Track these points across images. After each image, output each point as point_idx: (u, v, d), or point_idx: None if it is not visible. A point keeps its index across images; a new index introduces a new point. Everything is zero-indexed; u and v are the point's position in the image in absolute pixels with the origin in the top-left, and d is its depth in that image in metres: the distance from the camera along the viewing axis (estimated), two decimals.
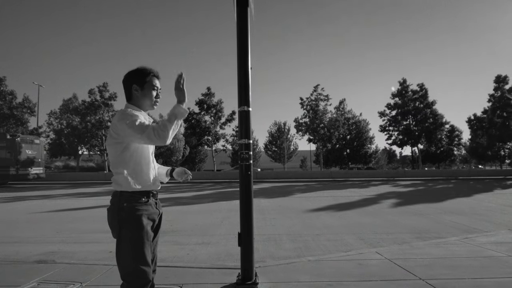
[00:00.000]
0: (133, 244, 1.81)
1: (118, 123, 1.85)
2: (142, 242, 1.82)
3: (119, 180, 1.88)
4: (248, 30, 3.29)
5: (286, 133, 51.62)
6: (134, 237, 1.82)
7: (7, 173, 19.60)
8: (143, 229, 1.83)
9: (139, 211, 1.86)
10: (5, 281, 3.39)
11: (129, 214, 1.84)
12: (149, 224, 1.89)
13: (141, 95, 2.00)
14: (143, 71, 2.02)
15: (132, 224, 1.83)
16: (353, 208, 9.44)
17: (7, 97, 34.05)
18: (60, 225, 7.09)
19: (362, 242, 5.36)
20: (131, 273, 1.81)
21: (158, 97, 2.07)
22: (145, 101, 2.02)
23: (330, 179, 26.04)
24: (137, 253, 1.81)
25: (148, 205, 1.92)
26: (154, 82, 2.04)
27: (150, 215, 1.91)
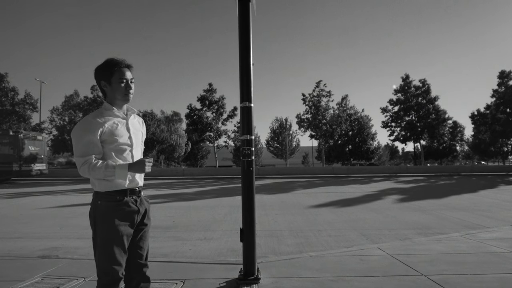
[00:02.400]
0: (104, 242, 1.83)
1: (73, 129, 1.88)
2: (112, 240, 1.82)
3: (93, 181, 1.89)
4: (250, 25, 3.27)
5: (288, 129, 51.56)
6: (105, 236, 1.83)
7: (10, 169, 19.70)
8: (114, 228, 1.83)
9: (112, 211, 1.85)
10: (10, 276, 3.42)
11: (102, 213, 1.85)
12: (123, 223, 1.86)
13: (110, 90, 1.92)
14: (108, 65, 1.92)
15: (104, 223, 1.84)
16: (355, 204, 9.44)
17: (9, 93, 34.14)
18: (63, 221, 7.14)
19: (364, 238, 5.37)
20: (101, 269, 1.84)
21: (129, 88, 1.94)
22: (116, 96, 1.93)
23: (332, 175, 26.03)
24: (107, 251, 1.82)
25: (123, 203, 1.88)
26: (121, 74, 1.91)
27: (126, 214, 1.88)
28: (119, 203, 1.87)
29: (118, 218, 1.85)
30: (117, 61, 1.93)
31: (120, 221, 1.85)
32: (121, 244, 1.85)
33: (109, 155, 1.88)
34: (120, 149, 1.90)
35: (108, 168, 1.81)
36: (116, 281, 1.85)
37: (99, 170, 1.79)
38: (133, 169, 1.86)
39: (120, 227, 1.84)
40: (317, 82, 36.40)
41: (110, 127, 1.88)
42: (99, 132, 1.84)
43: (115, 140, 1.88)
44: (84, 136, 1.82)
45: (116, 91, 1.92)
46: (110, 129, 1.87)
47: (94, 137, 1.83)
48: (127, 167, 1.83)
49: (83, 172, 1.83)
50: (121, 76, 1.91)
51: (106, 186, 1.86)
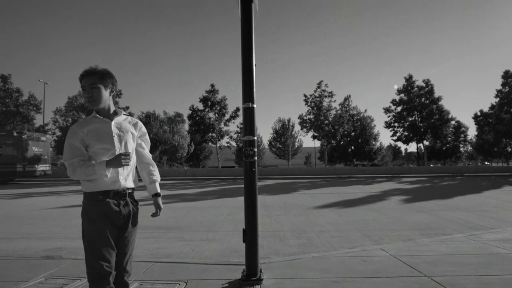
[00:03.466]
0: (89, 239, 1.94)
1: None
2: (96, 236, 1.93)
3: (81, 182, 2.03)
4: (252, 26, 3.28)
5: (291, 129, 51.48)
6: (89, 232, 1.95)
7: (14, 170, 19.80)
8: (96, 225, 1.94)
9: (93, 209, 1.96)
10: (14, 276, 3.44)
11: (85, 211, 1.98)
12: (104, 221, 1.95)
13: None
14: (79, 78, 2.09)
15: (88, 221, 1.96)
16: (357, 205, 9.42)
17: (13, 94, 34.37)
18: (66, 221, 7.17)
19: (366, 238, 5.35)
20: (88, 265, 1.92)
21: (86, 95, 2.06)
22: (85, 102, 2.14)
23: (334, 175, 25.98)
24: (91, 247, 1.92)
25: (104, 204, 1.97)
26: (81, 84, 2.06)
27: (106, 213, 1.96)
28: (100, 202, 1.97)
29: (99, 216, 1.95)
30: (82, 73, 2.07)
31: (101, 218, 1.95)
32: (104, 240, 1.94)
33: (93, 158, 2.01)
34: (100, 151, 2.02)
35: (88, 167, 1.94)
36: (103, 276, 1.90)
37: (80, 169, 1.94)
38: (110, 164, 1.95)
39: (101, 224, 1.95)
40: (318, 82, 36.39)
41: (91, 131, 2.02)
42: (80, 137, 2.01)
43: (94, 144, 2.01)
44: (68, 142, 2.02)
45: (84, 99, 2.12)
46: (91, 133, 2.02)
47: (76, 142, 2.00)
48: (105, 163, 1.94)
49: (69, 173, 1.99)
50: (82, 85, 2.06)
51: (91, 187, 1.98)
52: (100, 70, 2.09)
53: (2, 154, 19.95)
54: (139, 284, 3.15)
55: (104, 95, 2.08)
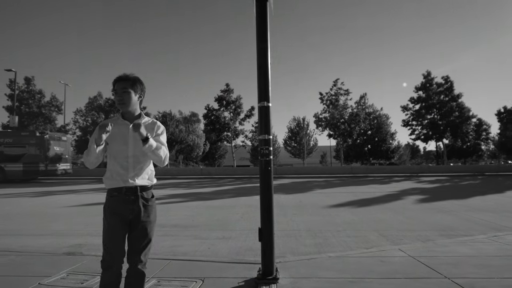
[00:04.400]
0: (103, 232, 2.24)
1: None
2: (105, 231, 2.22)
3: (103, 180, 2.30)
4: (267, 25, 3.27)
5: (306, 128, 51.18)
6: (104, 226, 2.23)
7: (37, 168, 20.48)
8: (106, 220, 2.22)
9: (107, 205, 2.24)
10: (37, 272, 3.56)
11: (103, 207, 2.26)
12: (113, 217, 2.19)
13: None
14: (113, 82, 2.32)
15: (104, 215, 2.24)
16: (374, 204, 9.28)
17: (36, 96, 35.54)
18: (86, 219, 7.36)
19: (384, 239, 5.27)
20: (102, 254, 2.23)
21: (117, 98, 2.27)
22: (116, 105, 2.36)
23: (350, 175, 25.66)
24: (104, 239, 2.22)
25: (113, 200, 2.21)
26: (114, 88, 2.27)
27: (117, 209, 2.19)
28: (113, 199, 2.21)
29: (111, 212, 2.20)
30: (116, 78, 2.29)
31: (112, 214, 2.19)
32: (113, 235, 2.18)
33: (111, 156, 2.26)
34: (116, 151, 2.25)
35: (87, 149, 2.21)
36: (108, 267, 2.17)
37: (85, 152, 2.23)
38: (92, 136, 2.20)
39: (112, 220, 2.19)
40: (334, 80, 35.96)
41: (112, 132, 2.22)
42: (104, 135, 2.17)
43: (112, 144, 2.26)
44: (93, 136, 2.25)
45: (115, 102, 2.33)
46: (111, 134, 2.22)
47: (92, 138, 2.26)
48: (93, 141, 2.17)
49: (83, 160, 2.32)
50: (114, 89, 2.27)
51: (108, 184, 2.25)
52: (132, 77, 2.30)
53: (25, 153, 20.67)
54: (157, 281, 3.20)
55: (133, 100, 2.28)
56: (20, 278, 3.37)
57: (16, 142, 20.99)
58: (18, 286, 3.14)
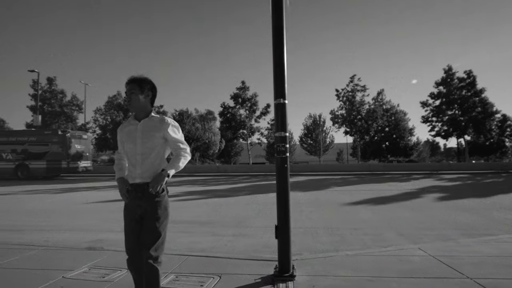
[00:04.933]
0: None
1: None
2: (124, 224, 2.38)
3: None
4: (283, 21, 3.25)
5: (322, 125, 50.72)
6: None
7: (59, 166, 21.16)
8: (124, 210, 2.39)
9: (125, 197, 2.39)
10: (61, 265, 3.68)
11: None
12: (124, 211, 2.38)
13: None
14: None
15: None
16: (392, 202, 9.11)
17: (58, 95, 36.66)
18: (107, 215, 7.56)
19: (402, 237, 5.17)
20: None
21: (126, 99, 2.45)
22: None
23: (368, 172, 25.27)
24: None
25: (129, 194, 2.36)
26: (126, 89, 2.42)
27: (127, 205, 2.38)
28: (128, 193, 2.36)
29: (125, 206, 2.38)
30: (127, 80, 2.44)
31: (125, 208, 2.38)
32: (127, 228, 2.35)
33: (126, 154, 2.45)
34: (128, 150, 2.40)
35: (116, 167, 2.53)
36: (128, 262, 2.36)
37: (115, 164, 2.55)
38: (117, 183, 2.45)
39: (126, 214, 2.37)
40: (351, 76, 35.48)
41: (125, 133, 2.43)
42: (120, 136, 2.49)
43: (125, 143, 2.42)
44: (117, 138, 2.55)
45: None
46: (125, 135, 2.42)
47: (119, 139, 2.52)
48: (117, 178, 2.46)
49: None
50: (126, 91, 2.43)
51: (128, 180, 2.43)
52: (138, 78, 2.41)
53: (48, 151, 21.36)
54: (175, 276, 3.25)
55: (140, 100, 2.39)
56: (45, 271, 3.50)
57: (39, 140, 21.72)
58: (44, 279, 3.26)
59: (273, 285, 3.03)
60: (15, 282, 3.20)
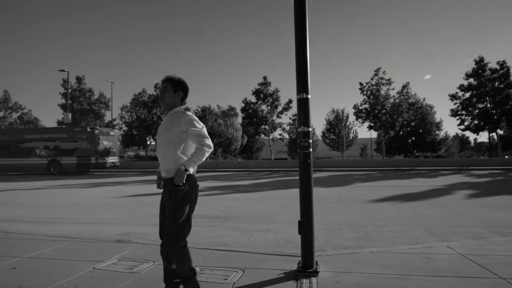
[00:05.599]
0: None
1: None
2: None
3: None
4: (306, 15, 3.21)
5: (345, 120, 49.82)
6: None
7: (88, 161, 22.05)
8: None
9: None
10: (91, 257, 3.85)
11: None
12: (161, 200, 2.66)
13: None
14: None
15: None
16: (419, 199, 8.84)
17: (86, 94, 38.01)
18: (133, 209, 7.80)
19: (430, 235, 5.01)
20: None
21: (160, 95, 2.67)
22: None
23: (393, 168, 24.63)
24: None
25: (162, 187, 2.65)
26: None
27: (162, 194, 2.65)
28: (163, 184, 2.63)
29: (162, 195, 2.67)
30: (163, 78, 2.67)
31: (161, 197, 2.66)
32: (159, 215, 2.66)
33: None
34: (158, 142, 2.64)
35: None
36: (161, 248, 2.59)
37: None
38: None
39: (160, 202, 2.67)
40: (375, 70, 34.50)
41: (159, 129, 2.68)
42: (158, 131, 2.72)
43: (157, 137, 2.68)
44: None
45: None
46: (158, 131, 2.68)
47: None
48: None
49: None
50: (160, 87, 2.70)
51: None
52: (173, 78, 2.62)
53: (78, 147, 22.28)
54: (199, 270, 3.32)
55: (171, 98, 2.61)
56: (77, 262, 3.66)
57: (70, 137, 22.70)
58: (75, 269, 3.41)
59: (297, 281, 3.03)
60: (51, 271, 3.37)
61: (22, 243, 4.50)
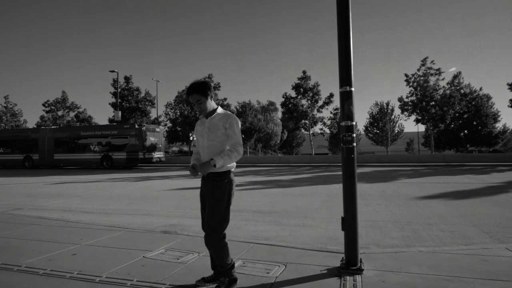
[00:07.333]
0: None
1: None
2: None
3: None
4: (349, 5, 3.10)
5: (390, 113, 47.67)
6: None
7: (137, 157, 23.35)
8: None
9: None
10: (141, 246, 4.08)
11: None
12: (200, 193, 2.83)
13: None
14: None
15: None
16: (473, 197, 8.23)
17: (134, 92, 40.08)
18: (178, 202, 8.14)
19: (486, 235, 4.66)
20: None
21: (196, 108, 2.75)
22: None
23: (442, 163, 23.14)
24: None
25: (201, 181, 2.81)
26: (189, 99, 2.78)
27: (201, 188, 2.81)
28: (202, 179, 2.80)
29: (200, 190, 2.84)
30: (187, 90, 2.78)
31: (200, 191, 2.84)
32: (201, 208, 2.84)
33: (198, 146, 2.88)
34: (198, 143, 2.84)
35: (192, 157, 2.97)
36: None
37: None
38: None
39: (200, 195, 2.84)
40: (422, 60, 32.39)
41: (197, 129, 2.85)
42: (194, 131, 2.93)
43: (197, 138, 2.87)
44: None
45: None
46: (197, 131, 2.85)
47: (194, 133, 2.94)
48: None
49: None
50: (189, 100, 2.77)
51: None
52: (198, 86, 2.66)
53: (127, 143, 23.66)
54: (242, 262, 3.39)
55: (208, 104, 2.72)
56: (129, 250, 3.91)
57: (120, 134, 24.17)
58: (128, 257, 3.65)
59: (340, 278, 2.98)
60: (106, 258, 3.63)
61: (80, 232, 4.89)
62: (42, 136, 26.27)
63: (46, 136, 26.14)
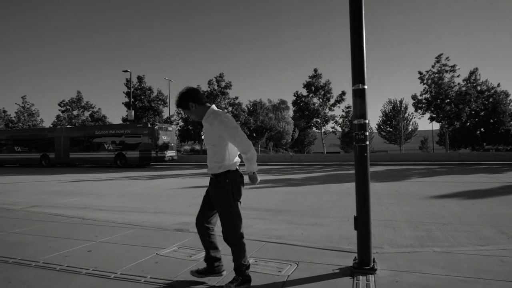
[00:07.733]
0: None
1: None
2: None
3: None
4: (362, 1, 3.07)
5: (403, 111, 46.96)
6: None
7: (150, 155, 23.64)
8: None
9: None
10: (154, 243, 4.14)
11: None
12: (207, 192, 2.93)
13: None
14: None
15: None
16: (489, 196, 8.04)
17: (146, 92, 40.56)
18: (190, 200, 8.21)
19: (504, 236, 4.55)
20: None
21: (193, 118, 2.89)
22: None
23: (458, 162, 22.64)
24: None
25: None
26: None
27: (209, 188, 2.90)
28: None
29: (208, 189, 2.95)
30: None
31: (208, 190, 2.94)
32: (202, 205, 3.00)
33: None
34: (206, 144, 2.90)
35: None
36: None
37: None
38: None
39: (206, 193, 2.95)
40: (437, 56, 31.72)
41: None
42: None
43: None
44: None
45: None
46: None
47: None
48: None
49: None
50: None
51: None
52: (179, 101, 2.77)
53: (140, 142, 23.97)
54: (254, 261, 3.39)
55: (197, 111, 2.78)
56: (142, 247, 3.97)
57: (133, 133, 24.52)
58: (141, 254, 3.70)
59: (353, 277, 2.96)
60: (120, 255, 3.70)
61: (95, 229, 4.99)
62: (58, 135, 26.87)
63: (62, 135, 26.73)
